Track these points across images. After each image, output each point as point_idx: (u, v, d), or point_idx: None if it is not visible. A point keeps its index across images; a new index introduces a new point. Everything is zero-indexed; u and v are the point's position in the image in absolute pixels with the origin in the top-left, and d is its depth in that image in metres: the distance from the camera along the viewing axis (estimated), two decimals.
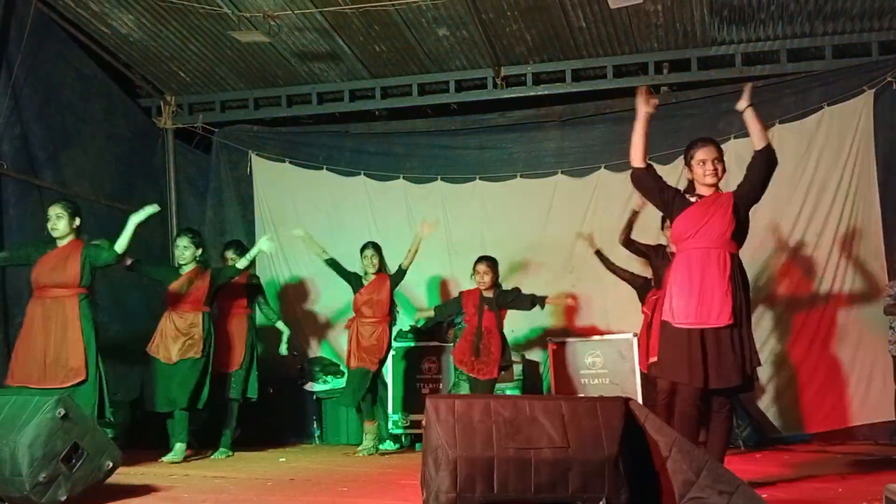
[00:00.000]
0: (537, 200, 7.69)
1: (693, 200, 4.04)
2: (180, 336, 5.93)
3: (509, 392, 6.82)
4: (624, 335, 6.85)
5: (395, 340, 6.90)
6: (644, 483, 3.10)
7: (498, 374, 6.35)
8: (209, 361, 6.05)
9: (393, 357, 7.00)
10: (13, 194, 6.33)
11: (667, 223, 5.15)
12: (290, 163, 8.21)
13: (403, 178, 8.01)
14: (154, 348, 5.97)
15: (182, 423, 5.90)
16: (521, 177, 7.80)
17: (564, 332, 7.29)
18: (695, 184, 4.10)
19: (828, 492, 4.00)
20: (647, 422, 3.17)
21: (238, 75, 7.89)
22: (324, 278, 7.94)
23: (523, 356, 7.23)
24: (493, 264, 6.49)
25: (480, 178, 7.86)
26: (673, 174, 4.43)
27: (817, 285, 6.88)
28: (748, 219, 4.05)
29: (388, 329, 6.53)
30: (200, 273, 6.12)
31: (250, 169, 8.28)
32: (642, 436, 3.15)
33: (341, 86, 7.98)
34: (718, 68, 7.28)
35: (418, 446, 6.76)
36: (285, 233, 8.17)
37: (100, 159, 7.31)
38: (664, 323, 4.07)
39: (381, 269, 6.57)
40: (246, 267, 6.32)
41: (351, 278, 6.61)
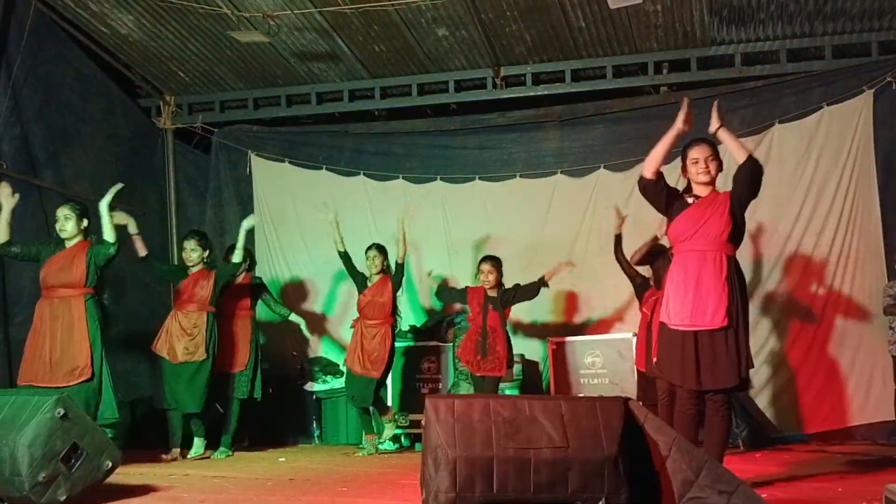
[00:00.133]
0: (537, 200, 7.69)
1: (691, 202, 4.06)
2: (184, 335, 6.04)
3: (508, 392, 6.83)
4: (623, 335, 6.85)
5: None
6: (644, 483, 3.10)
7: (506, 372, 6.36)
8: (213, 361, 6.13)
9: None
10: None
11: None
12: (289, 163, 8.21)
13: (403, 178, 8.01)
14: (159, 346, 6.09)
15: (198, 422, 6.19)
16: (520, 177, 7.80)
17: (564, 332, 7.29)
18: (691, 184, 4.12)
19: (827, 491, 4.01)
20: (646, 421, 3.18)
21: (237, 75, 7.89)
22: (324, 278, 7.96)
23: (523, 356, 7.22)
24: (497, 264, 6.50)
25: (480, 178, 7.86)
26: (673, 174, 4.44)
27: (817, 285, 6.88)
28: (744, 220, 4.07)
29: (390, 332, 6.53)
30: (206, 273, 6.23)
31: (250, 169, 8.28)
32: (642, 435, 3.15)
33: (341, 86, 7.98)
34: (718, 68, 7.27)
35: (418, 446, 6.75)
36: (285, 233, 8.18)
37: (100, 159, 7.30)
38: (662, 324, 4.12)
39: (383, 270, 6.57)
40: (243, 259, 6.35)
41: (357, 277, 6.62)
